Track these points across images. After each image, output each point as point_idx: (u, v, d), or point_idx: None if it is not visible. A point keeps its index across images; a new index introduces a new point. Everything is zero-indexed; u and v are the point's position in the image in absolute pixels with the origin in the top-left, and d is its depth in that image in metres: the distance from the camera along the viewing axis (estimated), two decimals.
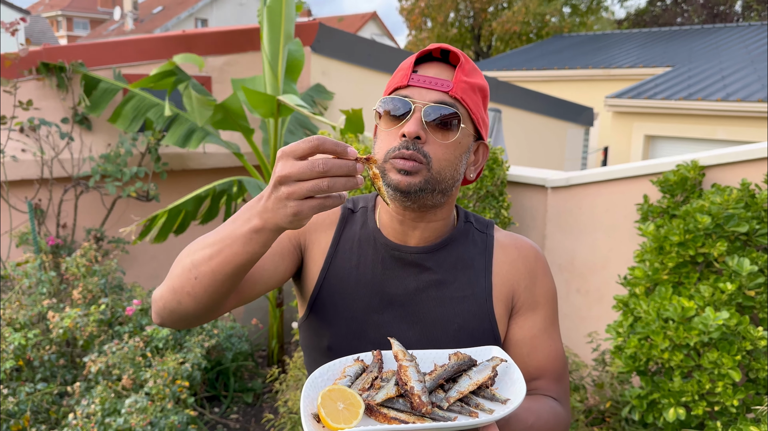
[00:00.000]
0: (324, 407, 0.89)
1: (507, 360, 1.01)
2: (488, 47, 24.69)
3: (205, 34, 4.87)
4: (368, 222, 1.20)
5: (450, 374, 0.98)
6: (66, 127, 4.25)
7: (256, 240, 0.91)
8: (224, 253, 0.94)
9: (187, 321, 1.04)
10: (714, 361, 2.46)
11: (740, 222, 2.74)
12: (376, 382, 0.97)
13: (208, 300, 0.99)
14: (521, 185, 3.86)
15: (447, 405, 0.93)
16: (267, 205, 0.88)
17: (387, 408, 0.92)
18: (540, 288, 1.19)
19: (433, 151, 1.05)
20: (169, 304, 1.01)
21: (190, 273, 0.97)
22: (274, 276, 1.14)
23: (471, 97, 1.08)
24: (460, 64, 1.08)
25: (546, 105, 7.96)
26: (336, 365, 1.02)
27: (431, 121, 1.04)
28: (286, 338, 4.94)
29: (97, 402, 2.67)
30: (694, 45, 13.37)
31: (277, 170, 0.85)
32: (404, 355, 0.98)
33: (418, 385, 0.92)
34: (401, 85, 1.09)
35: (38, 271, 3.42)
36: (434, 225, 1.15)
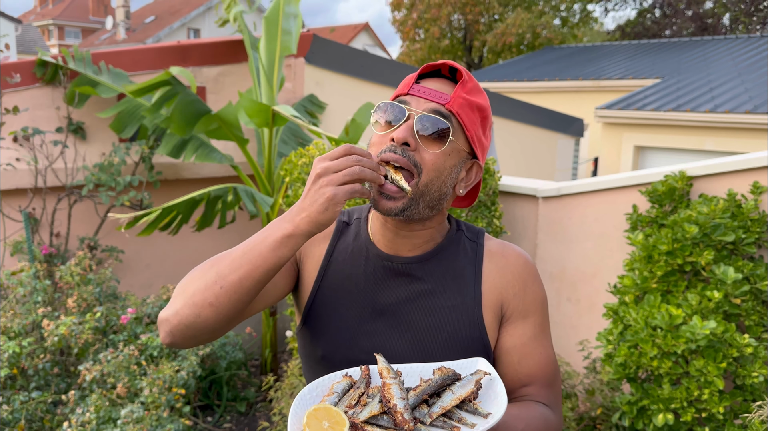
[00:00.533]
0: (309, 426, 0.91)
1: (491, 373, 1.03)
2: (480, 58, 24.86)
3: (200, 45, 4.91)
4: (361, 233, 1.23)
5: (434, 389, 1.00)
6: (60, 136, 4.27)
7: (286, 244, 1.00)
8: (254, 261, 1.00)
9: (202, 335, 1.06)
10: (700, 369, 2.50)
11: (727, 231, 2.80)
12: (363, 398, 0.99)
13: (229, 310, 1.02)
14: (513, 195, 3.91)
15: (430, 421, 0.95)
16: (303, 204, 0.99)
17: (371, 425, 0.94)
18: (530, 296, 1.21)
19: (422, 160, 1.07)
20: (186, 319, 1.03)
21: (215, 285, 1.01)
22: (274, 292, 1.18)
23: (467, 114, 1.10)
24: (462, 80, 1.11)
25: (537, 116, 8.04)
26: (325, 381, 1.04)
27: (422, 129, 1.07)
28: (280, 347, 4.95)
29: (92, 410, 2.68)
30: (683, 57, 13.53)
31: (316, 169, 0.98)
32: (388, 372, 1.00)
33: (401, 403, 0.94)
34: (402, 93, 1.12)
35: (33, 280, 3.43)
36: (423, 234, 1.17)
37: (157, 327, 1.18)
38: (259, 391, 4.48)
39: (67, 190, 4.20)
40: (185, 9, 32.73)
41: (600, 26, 27.23)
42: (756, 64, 11.44)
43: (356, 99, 5.51)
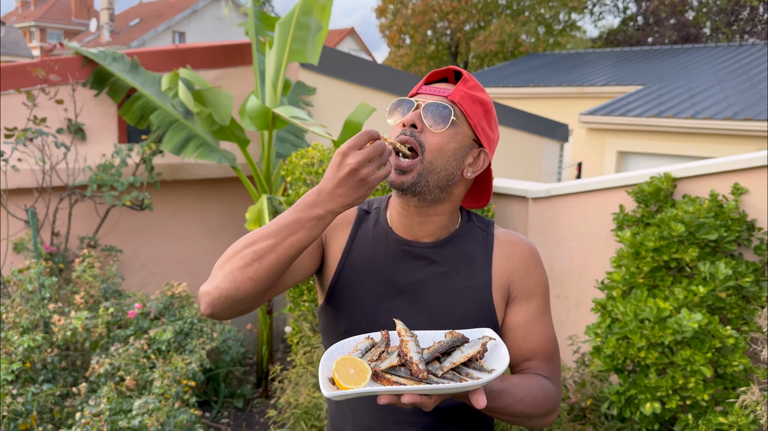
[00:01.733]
0: (338, 371, 1.05)
1: (495, 339, 1.16)
2: (465, 64, 25.10)
3: (199, 48, 5.01)
4: (380, 221, 1.37)
5: (445, 349, 1.13)
6: (61, 137, 4.35)
7: (319, 225, 1.14)
8: (289, 240, 1.13)
9: (240, 305, 1.18)
10: (687, 358, 2.65)
11: (710, 230, 2.96)
12: (383, 355, 1.13)
13: (266, 282, 1.15)
14: (504, 196, 4.06)
15: (441, 373, 1.08)
16: (336, 192, 1.11)
17: (390, 374, 1.07)
18: (533, 279, 1.35)
19: (427, 140, 1.22)
20: (227, 292, 1.15)
21: (254, 262, 1.14)
22: (302, 270, 1.32)
23: (469, 105, 1.26)
24: (463, 79, 1.27)
25: (523, 121, 8.22)
26: (350, 342, 1.18)
27: (427, 113, 1.23)
28: (275, 345, 5.05)
29: (104, 402, 2.78)
30: (665, 64, 13.83)
31: (351, 161, 1.08)
32: (406, 332, 1.14)
33: (417, 356, 1.08)
34: (413, 93, 1.30)
35: (39, 277, 3.51)
36: (437, 219, 1.31)
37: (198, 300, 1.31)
38: (256, 388, 4.58)
39: (69, 190, 4.28)
40: (170, 12, 32.66)
41: (583, 33, 27.61)
42: (735, 72, 11.74)
43: (349, 102, 5.65)
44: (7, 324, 3.30)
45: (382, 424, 1.31)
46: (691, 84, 11.43)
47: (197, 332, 3.52)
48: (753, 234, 3.11)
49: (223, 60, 5.10)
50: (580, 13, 24.39)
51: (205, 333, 3.55)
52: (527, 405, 1.22)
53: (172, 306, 3.72)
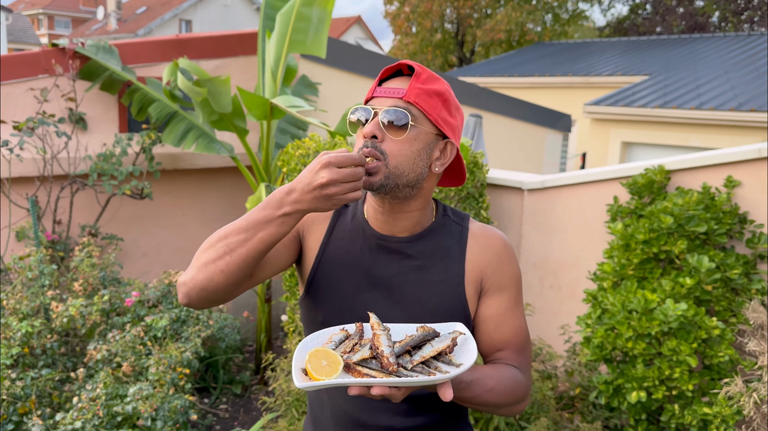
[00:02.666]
0: (310, 363, 1.09)
1: (465, 333, 1.20)
2: (471, 53, 25.01)
3: (199, 38, 5.04)
4: (358, 215, 1.40)
5: (416, 342, 1.16)
6: (62, 126, 4.40)
7: (287, 222, 1.18)
8: (259, 235, 1.17)
9: (214, 296, 1.23)
10: (673, 349, 2.69)
11: (700, 222, 2.98)
12: (356, 347, 1.17)
13: (237, 275, 1.19)
14: (499, 187, 4.08)
15: (411, 366, 1.12)
16: (305, 197, 1.15)
17: (361, 366, 1.11)
18: (506, 272, 1.39)
19: (389, 148, 1.24)
20: (200, 283, 1.20)
21: (225, 255, 1.18)
22: (279, 262, 1.35)
23: (426, 101, 1.27)
24: (416, 74, 1.28)
25: (525, 111, 8.22)
26: (324, 333, 1.22)
27: (385, 121, 1.24)
28: (274, 333, 5.11)
29: (101, 387, 2.84)
30: (672, 54, 13.74)
31: (326, 175, 1.12)
32: (378, 326, 1.17)
33: (387, 349, 1.12)
34: (369, 97, 1.31)
35: (39, 264, 3.57)
36: (411, 215, 1.34)
37: (176, 291, 1.35)
38: (254, 375, 4.64)
39: (70, 179, 4.33)
40: (177, 0, 32.62)
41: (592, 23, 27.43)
42: (742, 62, 11.66)
43: (349, 93, 5.67)
44: (8, 310, 3.37)
45: (358, 410, 1.35)
46: (698, 74, 11.37)
47: (193, 320, 3.58)
48: (745, 227, 3.13)
49: (223, 50, 5.12)
50: (588, 2, 24.23)
51: (201, 320, 3.61)
52: (497, 394, 1.25)
53: (169, 294, 3.78)
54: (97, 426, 2.73)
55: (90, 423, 2.70)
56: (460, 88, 7.29)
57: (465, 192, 3.60)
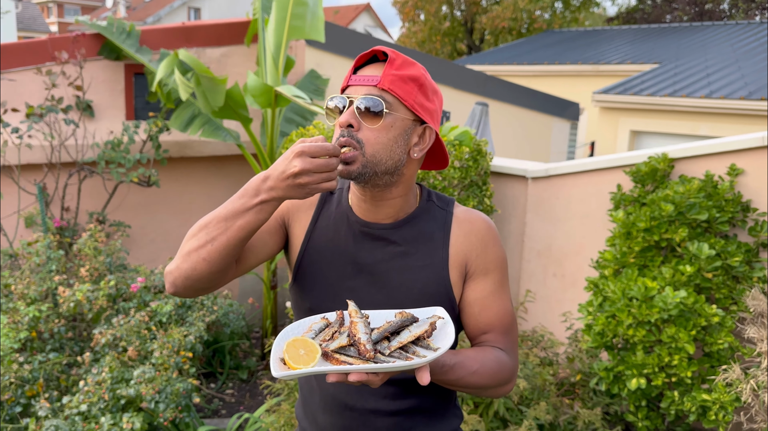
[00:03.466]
0: (288, 352, 1.10)
1: (444, 318, 1.21)
2: (480, 41, 24.87)
3: (204, 26, 5.06)
4: (342, 202, 1.41)
5: (394, 328, 1.18)
6: (70, 114, 4.44)
7: (264, 209, 1.19)
8: (238, 223, 1.19)
9: (199, 285, 1.25)
10: (672, 336, 2.70)
11: (701, 210, 2.98)
12: (335, 335, 1.18)
13: (220, 263, 1.21)
14: (503, 175, 4.09)
15: (388, 352, 1.14)
16: (279, 185, 1.15)
17: (339, 354, 1.13)
18: (490, 256, 1.39)
19: (365, 137, 1.24)
20: (185, 272, 1.22)
21: (207, 244, 1.20)
22: (264, 250, 1.37)
23: (401, 86, 1.26)
24: (389, 60, 1.27)
25: (532, 99, 8.19)
26: (305, 322, 1.23)
27: (361, 109, 1.24)
28: (280, 320, 5.16)
29: (106, 371, 2.89)
30: (682, 42, 13.62)
31: (299, 164, 1.13)
32: (356, 314, 1.19)
33: (365, 336, 1.13)
34: (344, 86, 1.31)
35: (47, 250, 3.62)
36: (393, 202, 1.35)
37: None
38: (260, 360, 4.70)
39: (78, 166, 4.37)
40: None
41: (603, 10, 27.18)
42: (754, 50, 11.55)
43: None
44: (16, 294, 3.42)
45: (346, 394, 1.38)
46: (708, 62, 11.27)
47: (198, 305, 3.62)
48: (748, 215, 3.13)
49: (229, 37, 5.14)
50: None
51: (205, 306, 3.65)
52: (481, 376, 1.27)
53: None
54: (103, 409, 2.78)
55: (96, 406, 2.75)
56: (468, 76, 7.27)
57: (469, 180, 3.61)
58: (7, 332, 3.02)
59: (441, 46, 24.50)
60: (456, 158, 3.51)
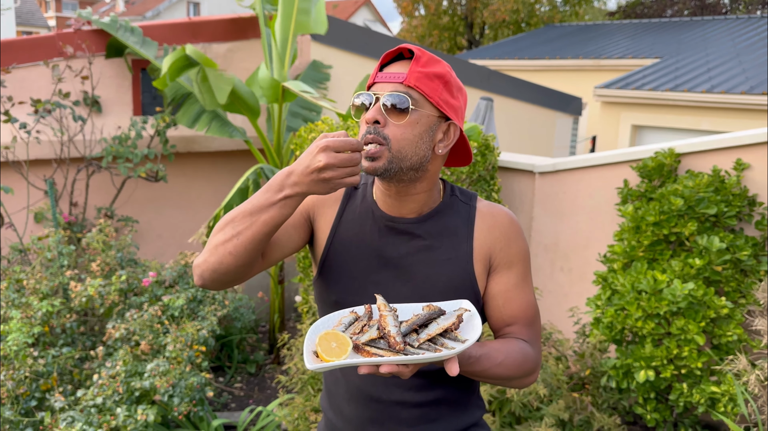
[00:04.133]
0: (320, 345, 1.14)
1: (471, 310, 1.24)
2: (480, 35, 24.84)
3: (211, 21, 5.06)
4: (367, 197, 1.44)
5: (422, 321, 1.21)
6: (78, 109, 4.46)
7: (288, 204, 1.21)
8: (263, 218, 1.21)
9: (226, 278, 1.28)
10: (681, 327, 2.73)
11: (710, 204, 3.01)
12: (365, 328, 1.21)
13: (245, 257, 1.24)
14: (511, 170, 4.11)
15: (417, 344, 1.16)
16: (303, 180, 1.17)
17: (369, 347, 1.16)
18: (514, 249, 1.42)
19: (391, 133, 1.27)
20: (212, 265, 1.25)
21: (233, 238, 1.23)
22: (289, 244, 1.40)
23: (426, 84, 1.29)
24: (415, 57, 1.30)
25: (536, 94, 8.20)
26: (334, 316, 1.26)
27: (387, 106, 1.27)
28: (287, 314, 5.19)
29: (120, 364, 2.92)
30: (683, 37, 13.63)
31: (323, 159, 1.14)
32: (385, 307, 1.22)
33: (394, 329, 1.16)
34: (370, 83, 1.33)
35: (58, 245, 3.65)
36: (418, 197, 1.37)
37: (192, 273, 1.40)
38: (268, 354, 4.73)
39: (86, 161, 4.39)
40: None
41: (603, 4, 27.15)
42: (754, 45, 11.56)
43: (359, 75, 5.69)
44: (28, 290, 3.45)
45: (372, 386, 1.40)
46: (709, 57, 11.29)
47: (210, 299, 3.65)
48: (754, 209, 3.16)
49: (235, 33, 5.15)
50: None
51: (217, 300, 3.68)
52: (506, 368, 1.30)
53: (185, 274, 3.84)
54: (117, 401, 2.81)
55: (110, 399, 2.78)
56: (471, 70, 7.28)
57: (476, 175, 3.63)
58: (21, 327, 3.04)
59: (440, 41, 24.47)
60: None
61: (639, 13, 23.45)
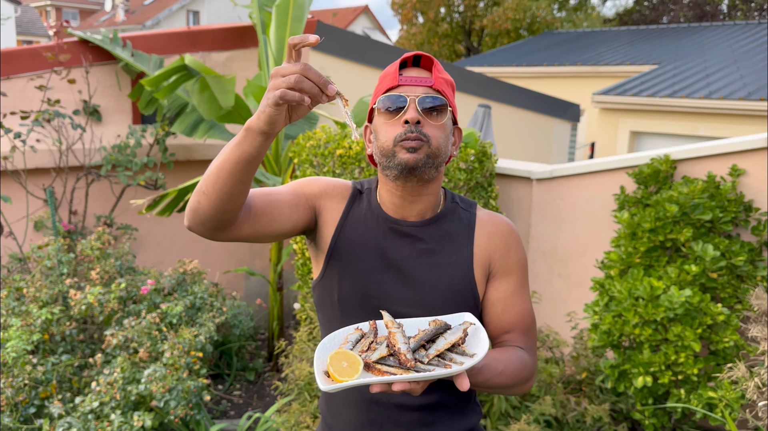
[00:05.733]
0: (332, 366, 1.15)
1: (475, 323, 1.26)
2: (479, 43, 24.93)
3: (210, 30, 5.10)
4: (372, 200, 1.47)
5: (429, 337, 1.22)
6: (77, 118, 4.48)
7: (246, 138, 1.16)
8: (224, 153, 1.19)
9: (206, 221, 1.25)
10: (678, 334, 2.74)
11: (705, 210, 3.03)
12: (372, 345, 1.23)
13: (216, 197, 1.21)
14: (508, 177, 4.13)
15: (427, 360, 1.18)
16: (260, 107, 1.14)
17: (380, 364, 1.17)
18: (513, 256, 1.46)
19: (430, 132, 1.32)
20: (192, 205, 1.25)
21: (205, 178, 1.22)
22: (287, 222, 1.39)
23: (446, 89, 1.36)
24: (435, 64, 1.36)
25: (533, 101, 8.23)
26: (340, 334, 1.28)
27: (426, 108, 1.32)
28: (286, 321, 5.19)
29: (118, 371, 2.92)
30: (681, 43, 13.68)
31: (271, 80, 1.13)
32: (393, 324, 1.24)
33: (404, 346, 1.18)
34: (392, 86, 1.36)
35: (58, 253, 3.66)
36: (426, 199, 1.41)
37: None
38: (267, 362, 4.73)
39: (85, 170, 4.41)
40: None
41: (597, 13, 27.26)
42: (752, 51, 11.60)
43: (359, 83, 5.72)
44: (28, 298, 3.46)
45: (371, 393, 1.42)
46: (707, 63, 11.33)
47: (208, 307, 3.66)
48: (750, 215, 3.17)
49: (233, 42, 5.18)
50: None
51: (215, 307, 3.69)
52: (506, 376, 1.33)
53: (184, 282, 3.86)
54: (114, 407, 2.81)
55: (108, 406, 2.79)
56: (468, 78, 7.31)
57: (474, 181, 3.65)
58: (20, 334, 3.05)
59: (439, 48, 24.57)
60: (461, 160, 3.55)
61: (636, 19, 23.55)
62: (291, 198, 1.41)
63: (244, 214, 1.30)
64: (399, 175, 1.34)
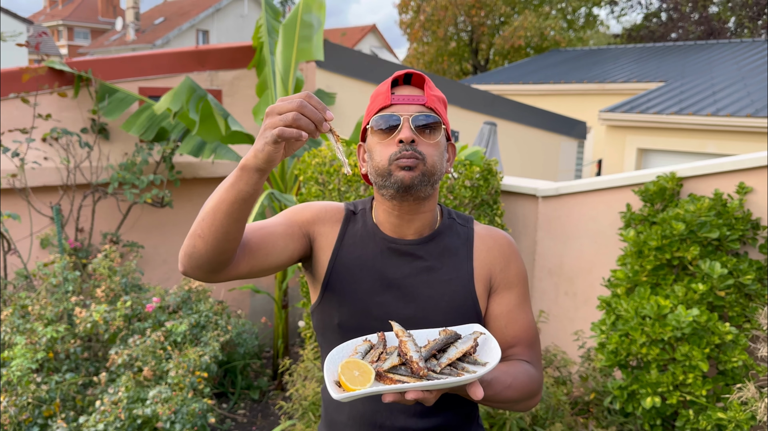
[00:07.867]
0: (344, 375, 1.13)
1: (485, 333, 1.25)
2: (486, 61, 25.04)
3: (217, 49, 5.14)
4: (367, 221, 1.46)
5: (440, 346, 1.21)
6: (85, 136, 4.51)
7: (241, 177, 1.15)
8: (219, 194, 1.18)
9: (200, 264, 1.23)
10: (686, 354, 2.71)
11: (712, 228, 3.00)
12: (382, 356, 1.21)
13: (214, 240, 1.19)
14: (514, 194, 4.12)
15: (439, 369, 1.16)
16: (256, 145, 1.14)
17: (392, 373, 1.15)
18: (513, 269, 1.45)
19: (425, 150, 1.32)
20: (187, 249, 1.22)
21: (200, 220, 1.20)
22: (283, 254, 1.37)
23: (440, 107, 1.36)
24: (426, 82, 1.36)
25: (540, 118, 8.24)
26: (349, 345, 1.26)
27: (420, 126, 1.32)
28: (291, 339, 5.17)
29: (123, 391, 2.91)
30: (688, 60, 13.69)
31: (266, 118, 1.13)
32: (403, 333, 1.22)
33: (416, 355, 1.16)
34: (385, 104, 1.35)
35: (63, 271, 3.67)
36: (423, 216, 1.40)
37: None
38: (272, 380, 4.70)
39: (92, 188, 4.43)
40: (194, 11, 33.04)
41: (606, 29, 27.36)
42: (759, 68, 11.59)
43: (365, 101, 5.75)
44: (33, 315, 3.46)
45: (375, 412, 1.40)
46: (714, 80, 11.32)
47: (213, 325, 3.65)
48: (758, 233, 3.14)
49: (241, 60, 5.22)
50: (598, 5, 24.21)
51: (220, 326, 3.68)
52: (515, 390, 1.31)
53: (189, 300, 3.85)
54: (119, 428, 2.80)
55: (112, 426, 2.77)
56: (475, 95, 7.33)
57: (479, 199, 3.64)
58: (25, 352, 3.05)
59: (448, 66, 24.69)
60: (467, 177, 3.55)
61: (643, 36, 23.60)
62: (284, 228, 1.39)
63: (240, 252, 1.28)
64: (396, 193, 1.33)
